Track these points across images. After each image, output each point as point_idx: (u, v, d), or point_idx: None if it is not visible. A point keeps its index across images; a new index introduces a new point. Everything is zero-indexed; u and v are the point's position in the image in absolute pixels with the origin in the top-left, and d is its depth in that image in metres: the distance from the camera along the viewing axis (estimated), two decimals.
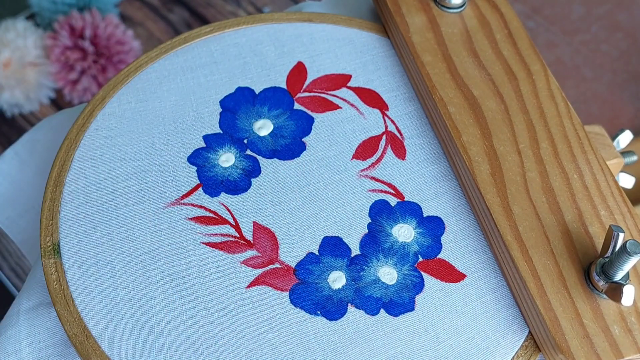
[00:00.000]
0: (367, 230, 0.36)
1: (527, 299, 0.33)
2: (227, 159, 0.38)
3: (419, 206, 0.37)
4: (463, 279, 0.35)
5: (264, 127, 0.39)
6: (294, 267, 0.35)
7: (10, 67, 0.86)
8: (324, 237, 0.35)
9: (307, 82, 0.41)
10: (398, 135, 0.39)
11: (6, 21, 0.89)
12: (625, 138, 0.43)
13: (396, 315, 0.33)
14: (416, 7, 0.42)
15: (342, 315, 0.33)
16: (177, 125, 0.39)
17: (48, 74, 0.89)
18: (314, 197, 0.37)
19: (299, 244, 0.35)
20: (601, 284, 0.32)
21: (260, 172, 0.38)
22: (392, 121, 0.40)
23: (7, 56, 0.86)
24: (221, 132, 0.39)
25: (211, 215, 0.36)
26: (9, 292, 0.74)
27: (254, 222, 0.36)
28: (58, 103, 0.92)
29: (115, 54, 0.88)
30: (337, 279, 0.34)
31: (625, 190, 0.41)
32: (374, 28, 0.44)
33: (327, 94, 0.41)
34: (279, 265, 0.35)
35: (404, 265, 0.35)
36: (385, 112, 0.40)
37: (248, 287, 0.34)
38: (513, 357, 0.33)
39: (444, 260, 0.35)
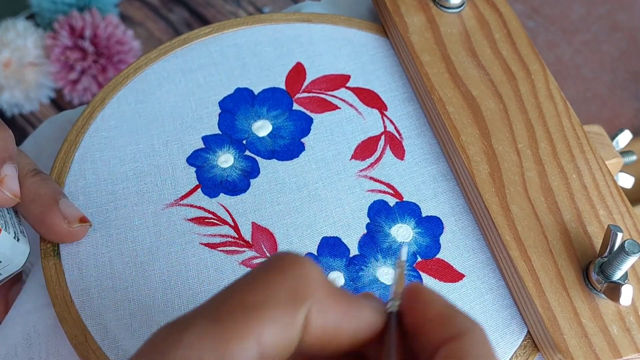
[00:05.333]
0: (365, 231, 0.36)
1: (525, 299, 0.33)
2: (226, 159, 0.38)
3: (418, 206, 0.37)
4: (461, 278, 0.35)
5: (262, 128, 0.39)
6: None
7: (10, 67, 0.86)
8: (323, 238, 0.36)
9: (306, 83, 0.41)
10: (397, 135, 0.39)
11: (6, 21, 0.89)
12: (625, 138, 0.43)
13: None
14: (415, 7, 0.42)
15: None
16: (176, 127, 0.39)
17: (48, 73, 0.89)
18: (312, 198, 0.37)
19: (298, 245, 0.35)
20: (600, 283, 0.32)
21: (259, 172, 0.38)
22: (391, 121, 0.40)
23: (7, 56, 0.86)
24: (220, 133, 0.39)
25: (210, 216, 0.36)
26: None
27: (252, 222, 0.36)
28: (58, 103, 0.92)
29: (115, 53, 0.88)
30: (336, 279, 0.34)
31: (625, 190, 0.41)
32: (373, 28, 0.44)
33: (326, 94, 0.41)
34: None
35: None
36: (384, 112, 0.40)
37: None
38: (511, 356, 0.33)
39: (442, 260, 0.35)
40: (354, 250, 0.35)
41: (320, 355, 0.20)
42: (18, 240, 0.33)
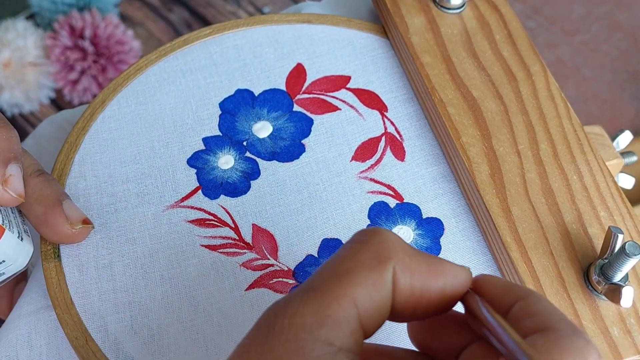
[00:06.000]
0: None
1: None
2: (226, 161, 0.38)
3: (418, 208, 0.37)
4: None
5: (263, 129, 0.39)
6: (293, 269, 0.35)
7: (10, 67, 0.86)
8: (323, 239, 0.36)
9: (306, 84, 0.41)
10: (397, 136, 0.39)
11: (6, 21, 0.89)
12: (625, 138, 0.43)
13: None
14: (416, 8, 0.42)
15: None
16: (176, 128, 0.39)
17: (48, 74, 0.89)
18: (313, 199, 0.37)
19: (298, 246, 0.35)
20: (600, 285, 0.32)
21: (259, 174, 0.38)
22: (392, 122, 0.40)
23: (7, 56, 0.86)
24: (220, 134, 0.39)
25: (210, 217, 0.36)
26: None
27: (253, 224, 0.36)
28: (58, 103, 0.92)
29: (115, 54, 0.88)
30: None
31: (625, 191, 0.41)
32: (374, 29, 0.44)
33: (327, 95, 0.41)
34: (278, 268, 0.35)
35: None
36: (385, 113, 0.40)
37: (247, 289, 0.34)
38: None
39: None
40: None
41: (416, 315, 0.22)
42: (22, 240, 0.33)
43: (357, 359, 0.20)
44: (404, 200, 0.37)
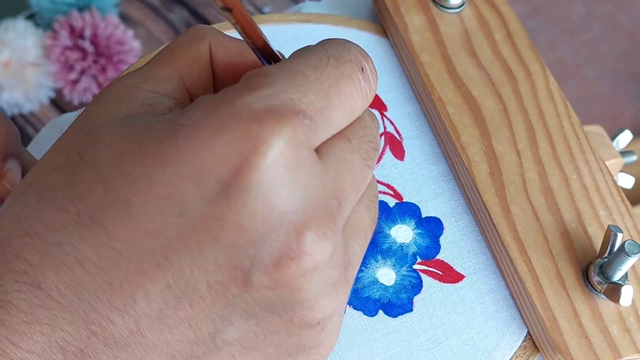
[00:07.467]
0: None
1: (525, 300, 0.33)
2: None
3: (418, 207, 0.37)
4: (462, 279, 0.35)
5: None
6: None
7: (10, 67, 0.86)
8: None
9: None
10: (397, 136, 0.39)
11: (6, 21, 0.89)
12: (625, 138, 0.43)
13: (394, 316, 0.33)
14: (415, 7, 0.42)
15: None
16: None
17: (48, 74, 0.89)
18: None
19: None
20: (600, 284, 0.32)
21: None
22: (391, 122, 0.40)
23: (7, 56, 0.86)
24: None
25: None
26: None
27: None
28: (58, 103, 0.92)
29: (115, 54, 0.88)
30: None
31: (625, 190, 0.41)
32: (373, 28, 0.44)
33: None
34: None
35: (403, 266, 0.35)
36: (384, 112, 0.40)
37: None
38: (512, 357, 0.33)
39: (442, 261, 0.35)
40: None
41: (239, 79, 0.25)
42: None
43: (180, 107, 0.24)
44: (404, 200, 0.37)
